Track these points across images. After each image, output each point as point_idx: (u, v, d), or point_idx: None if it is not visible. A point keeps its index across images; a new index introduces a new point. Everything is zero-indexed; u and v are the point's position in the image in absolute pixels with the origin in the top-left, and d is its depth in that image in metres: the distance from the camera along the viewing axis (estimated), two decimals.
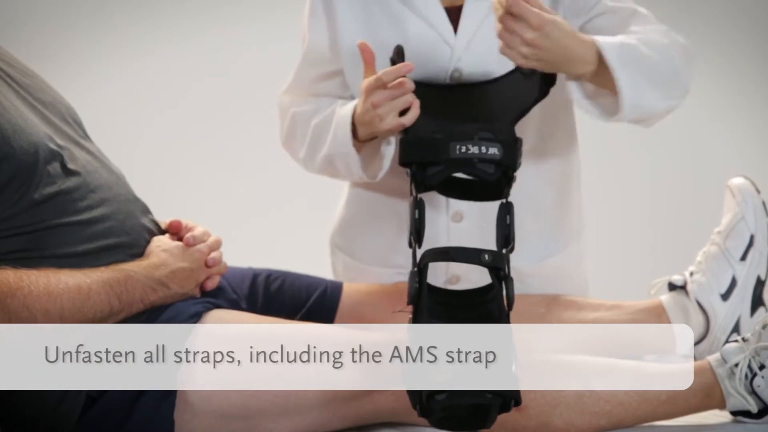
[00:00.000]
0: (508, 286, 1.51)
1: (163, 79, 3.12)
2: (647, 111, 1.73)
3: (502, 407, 1.42)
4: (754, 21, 3.14)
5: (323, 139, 1.80)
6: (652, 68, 1.71)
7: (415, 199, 1.58)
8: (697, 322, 1.87)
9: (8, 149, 1.49)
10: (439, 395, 1.39)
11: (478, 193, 1.70)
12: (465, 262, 1.55)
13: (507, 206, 1.58)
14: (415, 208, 1.57)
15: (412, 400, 1.43)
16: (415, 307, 1.50)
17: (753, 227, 1.87)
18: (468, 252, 1.54)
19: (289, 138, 1.89)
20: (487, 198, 1.68)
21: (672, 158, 3.18)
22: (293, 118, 1.86)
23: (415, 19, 1.81)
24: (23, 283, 1.45)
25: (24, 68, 1.65)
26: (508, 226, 1.57)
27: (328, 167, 1.83)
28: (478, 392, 1.40)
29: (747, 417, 1.58)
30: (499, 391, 1.40)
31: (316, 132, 1.82)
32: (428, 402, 1.40)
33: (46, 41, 2.98)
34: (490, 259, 1.52)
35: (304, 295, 1.84)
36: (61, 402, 1.50)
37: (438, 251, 1.55)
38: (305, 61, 1.88)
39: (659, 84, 1.72)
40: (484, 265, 1.53)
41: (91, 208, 1.57)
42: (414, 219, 1.57)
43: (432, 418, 1.43)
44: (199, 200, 3.02)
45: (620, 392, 1.57)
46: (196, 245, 1.65)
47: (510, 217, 1.57)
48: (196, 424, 1.54)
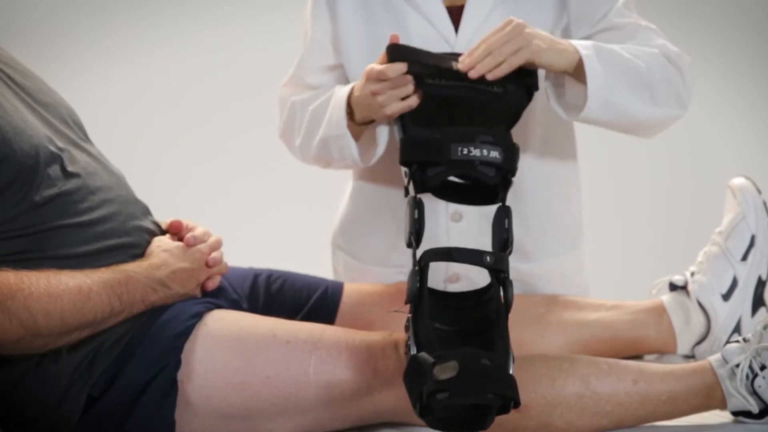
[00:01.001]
0: (506, 288, 1.51)
1: (163, 79, 3.12)
2: (622, 111, 1.70)
3: (502, 408, 1.42)
4: (754, 21, 3.14)
5: (319, 123, 1.79)
6: (630, 68, 1.69)
7: (414, 198, 1.58)
8: (698, 322, 1.87)
9: (9, 151, 1.49)
10: (440, 394, 1.39)
11: (473, 197, 1.69)
12: (466, 263, 1.54)
13: (505, 210, 1.57)
14: (415, 208, 1.56)
15: (412, 399, 1.43)
16: (415, 307, 1.49)
17: (754, 227, 1.87)
18: (470, 253, 1.54)
19: (287, 128, 1.89)
20: (482, 202, 1.67)
21: (672, 158, 3.18)
22: (292, 106, 1.86)
23: (416, 16, 1.81)
24: (24, 284, 1.45)
25: (24, 70, 1.65)
26: (506, 230, 1.56)
27: (323, 153, 1.81)
28: (480, 392, 1.39)
29: (748, 417, 1.58)
30: (502, 393, 1.40)
31: (313, 116, 1.81)
32: (429, 401, 1.40)
33: (46, 42, 2.98)
34: (491, 260, 1.52)
35: (305, 295, 1.84)
36: (61, 402, 1.50)
37: (439, 251, 1.54)
38: (307, 52, 1.88)
39: (639, 87, 1.70)
40: (485, 267, 1.53)
41: (91, 210, 1.57)
42: (413, 219, 1.56)
43: (431, 417, 1.42)
44: (200, 200, 3.02)
45: (621, 393, 1.57)
46: (196, 245, 1.65)
47: (508, 221, 1.56)
48: (196, 424, 1.54)
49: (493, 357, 1.43)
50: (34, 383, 1.50)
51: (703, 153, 3.22)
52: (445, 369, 1.40)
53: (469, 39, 1.80)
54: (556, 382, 1.55)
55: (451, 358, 1.41)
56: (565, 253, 1.96)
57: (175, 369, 1.52)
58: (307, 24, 1.88)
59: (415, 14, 1.81)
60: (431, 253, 1.53)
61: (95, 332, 1.52)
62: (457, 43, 1.80)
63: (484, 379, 1.40)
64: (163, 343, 1.54)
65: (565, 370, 1.57)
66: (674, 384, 1.58)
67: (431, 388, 1.39)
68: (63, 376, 1.50)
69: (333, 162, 1.83)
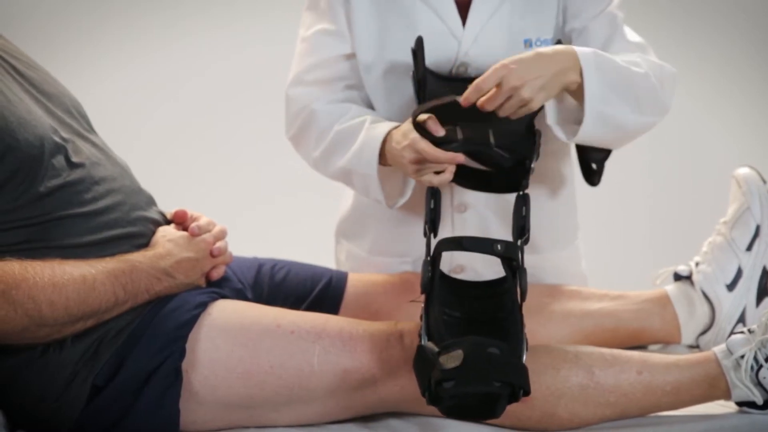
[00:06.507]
0: (521, 276, 1.51)
1: (167, 70, 3.12)
2: (614, 121, 1.70)
3: (511, 397, 1.42)
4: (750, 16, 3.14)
5: (344, 150, 1.78)
6: (624, 76, 1.70)
7: (431, 188, 1.60)
8: (703, 312, 1.87)
9: (13, 142, 1.48)
10: (447, 383, 1.40)
11: (495, 185, 1.70)
12: (478, 251, 1.55)
13: (524, 198, 1.59)
14: (431, 198, 1.59)
15: (422, 388, 1.44)
16: (428, 296, 1.50)
17: (759, 217, 1.87)
18: (481, 242, 1.55)
19: (302, 133, 1.86)
20: (503, 190, 1.69)
21: (673, 148, 3.18)
22: (313, 114, 1.83)
23: (425, 9, 1.81)
24: (28, 274, 1.45)
25: (29, 61, 1.65)
26: (524, 218, 1.57)
27: (344, 179, 1.82)
28: (486, 381, 1.40)
29: (752, 408, 1.58)
30: (508, 381, 1.40)
31: (338, 139, 1.79)
32: (437, 389, 1.40)
33: (51, 34, 2.98)
34: (503, 249, 1.53)
35: (309, 285, 1.84)
36: (65, 391, 1.51)
37: (451, 240, 1.55)
38: (322, 44, 1.85)
39: (629, 95, 1.70)
40: (496, 255, 1.54)
41: (95, 200, 1.57)
42: (429, 208, 1.58)
43: (441, 405, 1.43)
44: (204, 190, 3.02)
45: (625, 383, 1.57)
46: (201, 235, 1.65)
47: (526, 209, 1.58)
48: (200, 414, 1.54)
49: (502, 345, 1.43)
50: (38, 372, 1.50)
51: (704, 143, 3.22)
52: (450, 358, 1.40)
53: (476, 33, 1.80)
54: (560, 372, 1.56)
55: (457, 347, 1.41)
56: (563, 247, 1.96)
57: (179, 359, 1.53)
58: (323, 15, 1.85)
59: (424, 7, 1.81)
60: (444, 242, 1.54)
61: (100, 322, 1.52)
62: (465, 37, 1.80)
63: (489, 368, 1.40)
64: (168, 333, 1.54)
65: (569, 360, 1.57)
66: (678, 374, 1.58)
67: (437, 377, 1.40)
68: (68, 365, 1.51)
69: (353, 188, 1.84)
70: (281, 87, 1.89)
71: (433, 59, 1.76)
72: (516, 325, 1.49)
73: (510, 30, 1.80)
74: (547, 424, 1.56)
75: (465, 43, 1.80)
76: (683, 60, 1.83)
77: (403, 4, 1.81)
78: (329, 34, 1.84)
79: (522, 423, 1.56)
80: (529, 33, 1.81)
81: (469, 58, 1.80)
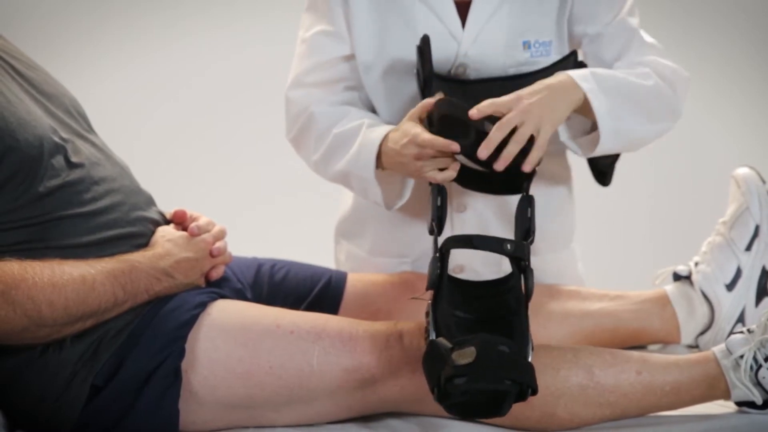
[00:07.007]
0: (527, 276, 1.51)
1: (167, 70, 3.12)
2: (630, 134, 1.73)
3: (519, 395, 1.42)
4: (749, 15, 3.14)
5: (342, 153, 1.78)
6: (626, 88, 1.71)
7: (437, 186, 1.60)
8: (702, 312, 1.87)
9: (13, 142, 1.49)
10: (458, 379, 1.40)
11: (495, 186, 1.70)
12: (488, 250, 1.55)
13: (528, 199, 1.59)
14: (437, 195, 1.60)
15: (430, 384, 1.43)
16: (435, 293, 1.50)
17: (758, 217, 1.87)
18: (491, 241, 1.55)
19: (302, 135, 1.86)
20: (504, 191, 1.69)
21: (673, 148, 3.17)
22: (312, 116, 1.83)
23: (424, 10, 1.81)
24: (28, 274, 1.45)
25: (29, 61, 1.65)
26: (528, 219, 1.58)
27: (342, 182, 1.82)
28: (497, 378, 1.40)
29: (751, 408, 1.58)
30: (519, 379, 1.41)
31: (336, 142, 1.79)
32: (446, 385, 1.40)
33: (51, 34, 2.98)
34: (512, 248, 1.53)
35: (309, 285, 1.84)
36: (65, 391, 1.51)
37: (460, 238, 1.56)
38: (320, 45, 1.85)
39: (637, 108, 1.72)
40: (506, 254, 1.54)
41: (95, 200, 1.57)
42: (436, 206, 1.59)
43: (448, 402, 1.43)
44: (204, 190, 3.02)
45: (624, 383, 1.57)
46: (200, 235, 1.65)
47: (531, 210, 1.59)
48: (199, 414, 1.54)
49: (511, 344, 1.43)
50: (38, 372, 1.50)
51: (704, 143, 3.22)
52: (463, 354, 1.40)
53: (475, 34, 1.80)
54: (560, 372, 1.55)
55: (470, 343, 1.41)
56: (559, 250, 1.96)
57: (178, 359, 1.53)
58: (322, 17, 1.85)
59: (423, 8, 1.81)
60: (452, 240, 1.54)
61: (99, 322, 1.52)
62: (464, 38, 1.80)
63: (501, 366, 1.41)
64: (167, 333, 1.54)
65: (569, 360, 1.57)
66: (678, 374, 1.58)
67: (449, 373, 1.40)
68: (67, 366, 1.51)
69: (352, 190, 1.84)
70: (281, 87, 1.89)
71: (433, 59, 1.76)
72: (522, 324, 1.49)
73: (509, 31, 1.81)
74: (547, 424, 1.56)
75: (464, 43, 1.80)
76: (683, 60, 1.82)
77: (402, 4, 1.81)
78: (328, 36, 1.84)
79: (521, 423, 1.56)
80: (529, 34, 1.81)
81: (468, 58, 1.80)
